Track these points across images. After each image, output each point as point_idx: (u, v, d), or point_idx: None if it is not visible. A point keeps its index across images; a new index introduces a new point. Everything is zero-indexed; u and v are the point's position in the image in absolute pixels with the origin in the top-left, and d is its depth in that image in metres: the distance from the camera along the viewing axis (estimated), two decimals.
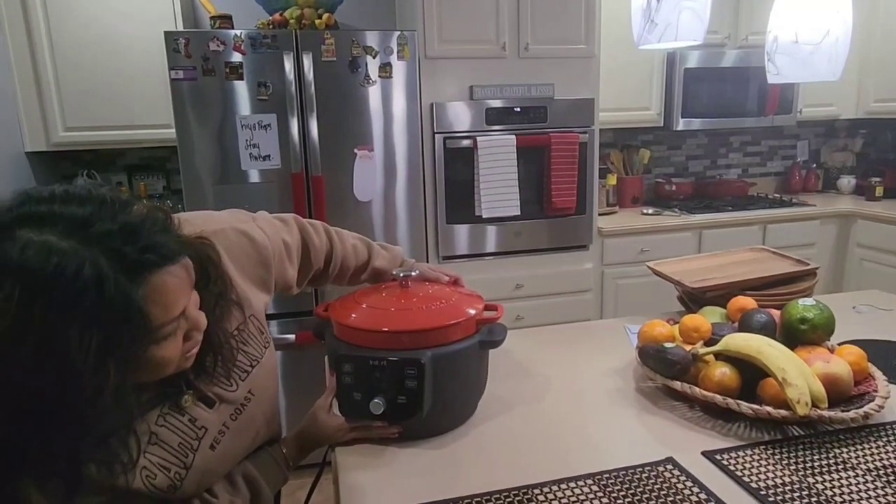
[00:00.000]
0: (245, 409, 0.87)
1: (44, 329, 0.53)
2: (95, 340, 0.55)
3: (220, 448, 0.83)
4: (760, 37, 3.16)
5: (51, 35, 2.42)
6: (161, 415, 0.77)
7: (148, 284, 0.61)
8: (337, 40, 2.29)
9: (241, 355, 0.87)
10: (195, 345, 0.74)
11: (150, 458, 0.75)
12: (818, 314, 1.10)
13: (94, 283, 0.55)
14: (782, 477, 0.86)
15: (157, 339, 0.64)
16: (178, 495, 0.78)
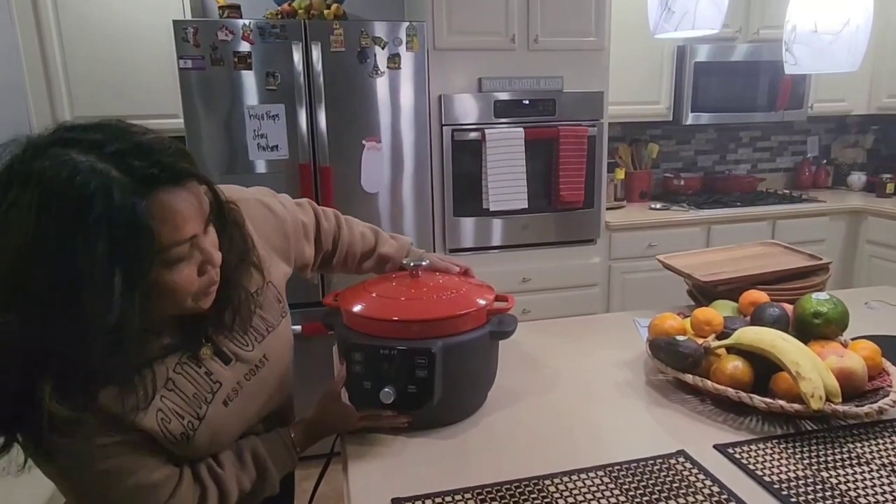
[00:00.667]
0: (259, 371, 0.89)
1: (58, 233, 0.59)
2: (102, 246, 0.60)
3: (232, 405, 0.85)
4: (772, 31, 3.13)
5: (59, 24, 2.42)
6: (179, 363, 0.80)
7: (155, 200, 0.64)
8: (345, 31, 2.28)
9: (258, 319, 0.90)
10: (211, 283, 0.76)
11: (165, 402, 0.77)
12: (832, 308, 1.09)
13: (103, 192, 0.60)
14: (796, 471, 0.85)
15: (167, 260, 0.67)
16: (190, 448, 0.80)
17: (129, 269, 0.62)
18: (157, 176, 0.64)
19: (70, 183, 0.60)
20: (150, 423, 0.75)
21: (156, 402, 0.76)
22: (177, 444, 0.79)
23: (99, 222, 0.60)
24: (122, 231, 0.61)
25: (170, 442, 0.78)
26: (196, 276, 0.72)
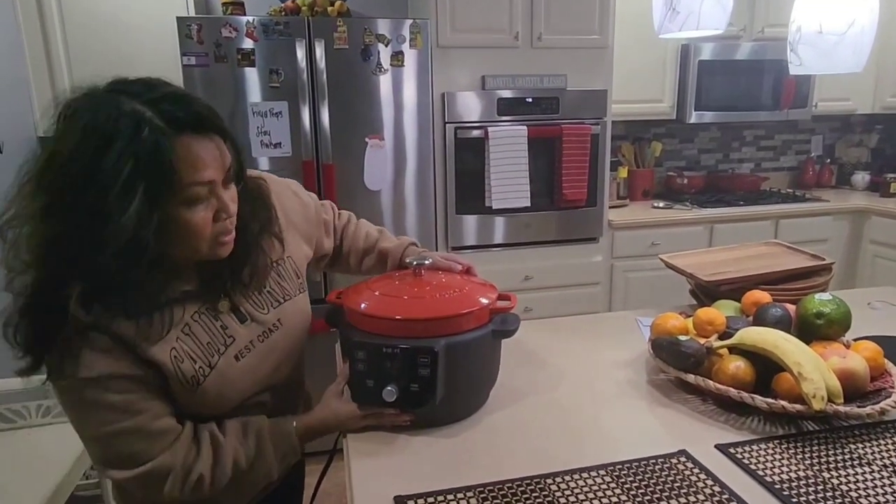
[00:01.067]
0: (272, 334, 0.95)
1: (95, 151, 0.70)
2: (128, 167, 0.70)
3: (243, 362, 0.90)
4: (777, 29, 3.12)
5: (63, 21, 2.42)
6: (198, 312, 0.87)
7: (179, 141, 0.73)
8: (349, 28, 2.28)
9: (275, 285, 0.97)
10: (226, 232, 0.83)
11: (180, 344, 0.83)
12: (835, 309, 1.09)
13: (135, 126, 0.71)
14: (797, 471, 0.85)
15: (185, 198, 0.76)
16: (199, 395, 0.85)
17: (149, 193, 0.71)
18: (184, 120, 0.74)
19: (111, 116, 0.71)
20: (163, 357, 0.81)
21: (170, 342, 0.82)
22: (187, 387, 0.84)
23: (128, 148, 0.70)
24: (147, 160, 0.71)
25: (180, 382, 0.83)
26: (211, 221, 0.80)
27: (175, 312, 0.83)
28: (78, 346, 0.76)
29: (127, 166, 0.70)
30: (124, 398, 0.80)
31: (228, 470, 0.88)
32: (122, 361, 0.79)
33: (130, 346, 0.79)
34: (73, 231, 0.72)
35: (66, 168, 0.71)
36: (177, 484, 0.85)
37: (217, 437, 0.88)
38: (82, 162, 0.70)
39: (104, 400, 0.79)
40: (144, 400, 0.82)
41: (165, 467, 0.83)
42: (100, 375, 0.77)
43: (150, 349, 0.80)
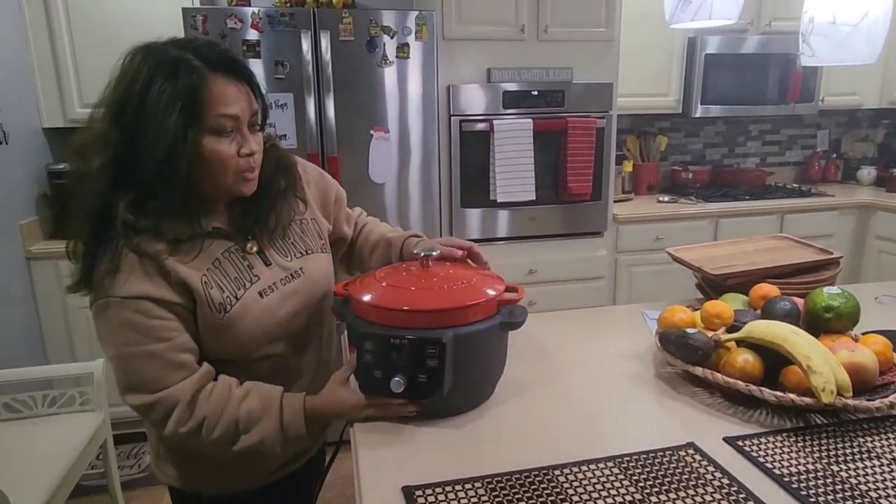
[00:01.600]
0: (294, 280, 1.03)
1: (145, 80, 0.85)
2: (167, 95, 0.84)
3: (266, 300, 0.98)
4: (784, 23, 3.10)
5: (68, 12, 2.42)
6: (228, 251, 0.97)
7: (213, 78, 0.87)
8: (355, 19, 2.27)
9: (298, 239, 1.07)
10: (249, 169, 0.93)
11: (210, 274, 0.93)
12: (844, 302, 1.08)
13: (176, 63, 0.86)
14: (806, 464, 0.85)
15: (212, 127, 0.87)
16: (225, 324, 0.93)
17: (184, 115, 0.84)
18: (216, 61, 0.88)
19: (159, 58, 0.87)
20: (195, 282, 0.90)
21: (202, 270, 0.92)
22: (214, 314, 0.92)
23: (169, 80, 0.84)
24: (184, 90, 0.84)
25: (209, 307, 0.92)
26: (235, 154, 0.90)
27: (206, 243, 0.93)
28: (119, 266, 0.87)
29: (166, 93, 0.84)
30: (152, 322, 0.88)
31: (231, 421, 0.92)
32: (156, 286, 0.88)
33: (166, 270, 0.89)
34: (127, 144, 0.86)
35: (126, 95, 0.86)
36: (181, 421, 0.90)
37: (229, 387, 0.94)
38: (137, 90, 0.85)
39: (133, 320, 0.87)
40: (170, 330, 0.90)
41: (173, 399, 0.89)
42: (135, 296, 0.87)
43: (184, 270, 0.90)
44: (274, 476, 1.10)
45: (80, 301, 2.50)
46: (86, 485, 2.08)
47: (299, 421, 0.96)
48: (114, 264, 0.87)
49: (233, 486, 1.06)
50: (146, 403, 0.89)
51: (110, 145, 0.86)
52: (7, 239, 2.26)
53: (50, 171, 2.49)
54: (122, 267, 0.87)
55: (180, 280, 0.89)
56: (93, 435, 1.85)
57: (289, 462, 1.11)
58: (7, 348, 2.19)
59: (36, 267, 2.37)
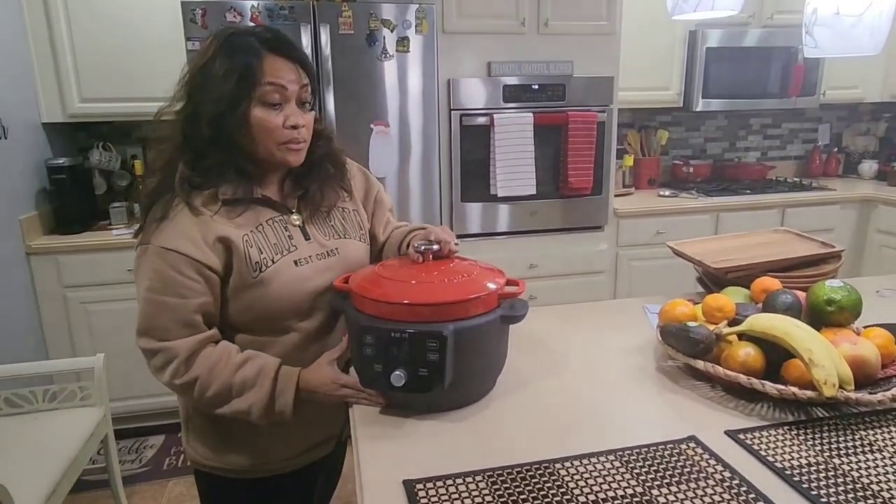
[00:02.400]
0: (328, 257, 1.10)
1: (212, 56, 0.98)
2: (227, 67, 0.97)
3: (300, 269, 1.05)
4: (786, 16, 3.09)
5: (67, 6, 2.41)
6: (272, 219, 1.06)
7: (268, 56, 0.99)
8: (354, 13, 2.26)
9: (338, 222, 1.15)
10: (295, 141, 1.02)
11: (252, 235, 1.02)
12: (846, 295, 1.08)
13: (235, 41, 0.99)
14: (807, 457, 0.85)
15: (262, 96, 0.98)
16: (256, 288, 1.01)
17: (239, 84, 0.97)
18: (272, 42, 1.00)
19: (224, 38, 1.00)
20: (236, 238, 1.00)
21: (244, 230, 1.02)
22: (249, 270, 1.00)
23: (230, 57, 0.97)
24: (240, 64, 0.97)
25: (245, 263, 1.00)
26: (281, 125, 1.00)
27: (254, 207, 1.04)
28: (167, 215, 0.98)
29: (225, 66, 0.97)
30: (176, 277, 0.96)
31: (225, 386, 0.98)
32: (194, 245, 0.97)
33: (209, 229, 0.98)
34: (192, 110, 0.99)
35: (194, 69, 1.00)
36: (176, 374, 0.98)
37: (228, 353, 1.00)
38: (202, 64, 0.99)
39: (162, 270, 0.96)
40: (191, 289, 0.97)
41: (173, 352, 0.97)
42: (171, 248, 0.96)
43: (228, 228, 1.00)
44: (303, 459, 1.15)
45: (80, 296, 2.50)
46: (87, 480, 2.09)
47: (290, 391, 1.00)
48: (163, 213, 0.99)
49: (261, 465, 1.12)
50: (150, 349, 0.99)
51: (181, 111, 1.00)
52: (7, 234, 2.26)
53: (49, 166, 2.48)
54: (169, 216, 0.98)
55: (223, 237, 0.99)
56: (94, 430, 1.85)
57: (319, 445, 1.17)
58: (7, 343, 2.19)
59: (36, 262, 2.37)
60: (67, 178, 2.49)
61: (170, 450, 2.51)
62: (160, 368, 0.99)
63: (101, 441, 1.94)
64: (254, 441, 1.10)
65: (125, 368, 2.28)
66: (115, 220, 2.56)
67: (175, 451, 2.49)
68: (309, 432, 1.14)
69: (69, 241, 2.41)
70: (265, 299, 1.02)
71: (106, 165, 2.70)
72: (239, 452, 1.11)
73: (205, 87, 0.98)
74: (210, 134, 0.98)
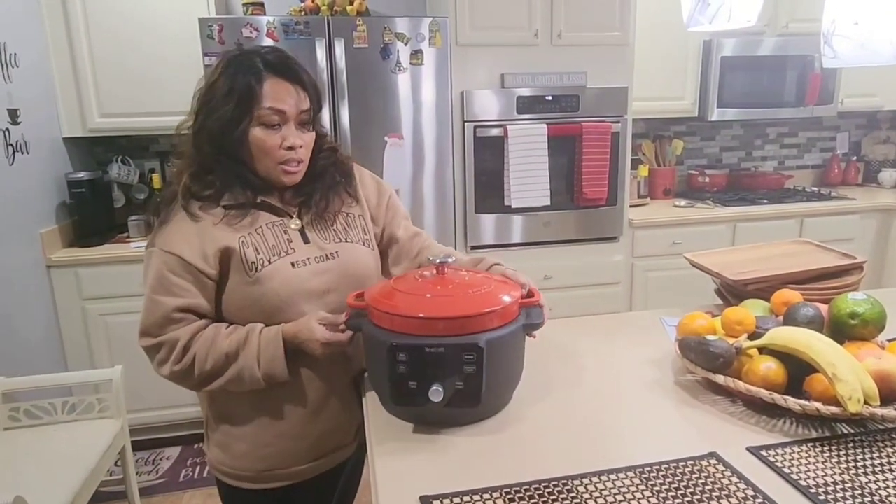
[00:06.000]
0: (328, 260, 1.12)
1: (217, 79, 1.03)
2: (228, 87, 1.02)
3: (297, 270, 1.08)
4: (802, 24, 3.07)
5: (88, 23, 2.46)
6: (271, 223, 1.09)
7: (268, 78, 1.03)
8: (368, 27, 2.28)
9: (341, 227, 1.16)
10: (291, 162, 1.07)
11: (249, 237, 1.06)
12: (869, 309, 1.06)
13: (240, 62, 1.03)
14: (832, 475, 0.83)
15: (261, 118, 1.02)
16: (254, 286, 1.05)
17: (239, 104, 1.01)
18: (275, 64, 1.04)
19: (231, 59, 1.05)
20: (231, 242, 1.04)
21: (241, 232, 1.05)
22: (247, 272, 1.04)
23: (235, 77, 1.02)
24: (241, 86, 1.01)
25: (242, 263, 1.04)
26: (278, 146, 1.04)
27: (254, 212, 1.07)
28: (168, 220, 1.05)
29: (226, 87, 1.01)
30: (172, 278, 1.02)
31: (220, 355, 1.02)
32: (192, 250, 1.02)
33: (208, 238, 1.03)
34: (198, 127, 1.05)
35: (204, 88, 1.05)
36: (176, 360, 1.02)
37: (216, 328, 1.05)
38: (209, 84, 1.04)
39: (160, 270, 1.02)
40: (184, 290, 1.02)
41: (175, 338, 1.02)
42: (169, 251, 1.02)
43: (226, 233, 1.04)
44: (311, 468, 1.15)
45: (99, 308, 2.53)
46: (104, 491, 2.10)
47: (277, 341, 1.03)
48: (164, 218, 1.05)
49: (276, 472, 1.13)
50: (152, 345, 1.03)
51: (192, 126, 1.06)
52: (28, 247, 2.30)
53: (70, 179, 2.53)
54: (170, 221, 1.04)
55: (222, 248, 1.03)
56: (111, 441, 1.87)
57: (326, 455, 1.17)
58: (27, 355, 2.22)
59: (56, 275, 2.40)
60: (87, 192, 2.53)
61: (186, 461, 2.51)
62: (164, 361, 1.04)
63: (119, 452, 1.96)
64: (268, 445, 1.11)
65: (142, 380, 2.29)
66: (134, 233, 2.59)
67: (191, 462, 2.50)
68: (321, 437, 1.15)
69: (88, 253, 2.44)
70: (263, 298, 1.05)
71: (124, 179, 2.74)
72: (248, 457, 1.12)
73: (209, 105, 1.03)
74: (214, 149, 1.04)
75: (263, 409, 1.10)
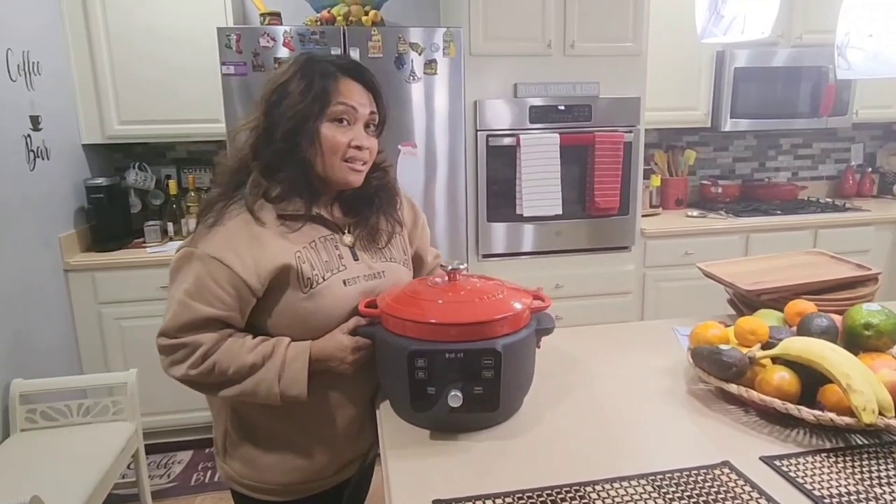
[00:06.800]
0: (375, 279, 1.13)
1: (292, 79, 1.05)
2: (304, 86, 1.04)
3: (349, 288, 1.08)
4: (816, 36, 3.06)
5: (108, 33, 2.51)
6: (324, 237, 1.10)
7: (342, 79, 1.06)
8: (383, 37, 2.31)
9: (386, 247, 1.17)
10: (357, 160, 1.08)
11: (305, 252, 1.05)
12: (884, 320, 1.05)
13: (314, 65, 1.06)
14: (847, 486, 0.82)
15: (332, 114, 1.05)
16: (307, 301, 1.04)
17: (314, 104, 1.03)
18: (346, 66, 1.08)
19: (303, 62, 1.08)
20: (287, 258, 1.02)
21: (297, 246, 1.05)
22: (301, 286, 1.03)
23: (311, 79, 1.04)
24: (316, 86, 1.04)
25: (298, 279, 1.03)
26: (346, 143, 1.06)
27: (309, 225, 1.07)
28: (220, 221, 1.03)
29: (302, 86, 1.04)
30: (211, 286, 0.99)
31: (243, 365, 1.00)
32: (239, 260, 1.00)
33: (261, 246, 1.01)
34: (267, 125, 1.05)
35: (273, 87, 1.06)
36: (194, 365, 1.00)
37: (244, 336, 1.04)
38: (281, 83, 1.06)
39: (199, 275, 0.99)
40: (222, 302, 1.00)
41: (195, 344, 1.00)
42: (215, 256, 0.99)
43: (282, 244, 1.03)
44: (333, 479, 1.16)
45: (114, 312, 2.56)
46: (117, 493, 2.11)
47: (302, 359, 1.02)
48: (216, 220, 1.03)
49: (298, 484, 1.13)
50: (171, 345, 1.01)
51: (258, 126, 1.06)
52: (47, 251, 2.33)
53: (88, 185, 2.57)
54: (223, 222, 1.02)
55: (279, 263, 1.01)
56: (125, 444, 1.89)
57: (348, 465, 1.17)
58: (44, 358, 2.25)
59: (73, 279, 2.44)
60: (105, 198, 2.57)
61: (197, 465, 2.53)
62: (179, 362, 1.01)
63: (132, 455, 1.98)
64: (291, 459, 1.11)
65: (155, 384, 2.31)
66: (150, 238, 2.63)
67: (203, 466, 2.51)
68: (344, 448, 1.15)
69: (105, 258, 2.48)
70: (313, 316, 1.04)
71: (141, 185, 2.78)
72: (275, 470, 1.12)
73: (280, 104, 1.04)
74: (284, 147, 1.04)
75: (290, 422, 1.10)
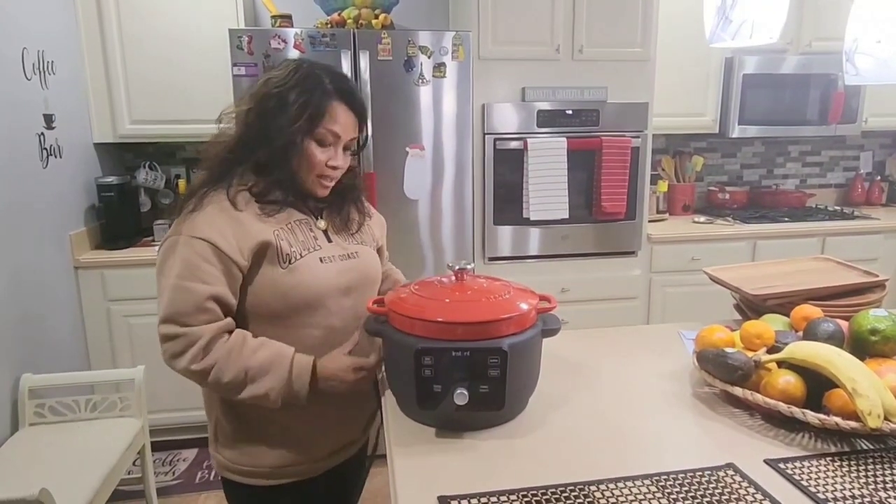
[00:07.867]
0: (349, 259, 1.19)
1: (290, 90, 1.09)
2: (301, 103, 1.08)
3: (325, 266, 1.14)
4: (825, 43, 3.06)
5: (122, 34, 2.54)
6: (301, 220, 1.16)
7: (335, 102, 1.11)
8: (393, 40, 2.33)
9: (356, 233, 1.25)
10: (327, 177, 1.15)
11: (282, 231, 1.11)
12: (890, 325, 1.05)
13: (315, 80, 1.10)
14: (851, 489, 0.82)
15: (318, 136, 1.10)
16: (287, 277, 1.08)
17: (307, 122, 1.08)
18: (343, 91, 1.13)
19: (306, 73, 1.11)
20: (267, 235, 1.08)
21: (275, 226, 1.10)
22: (280, 262, 1.09)
23: (309, 94, 1.09)
24: (314, 104, 1.09)
25: (277, 255, 1.08)
26: (323, 162, 1.12)
27: (286, 209, 1.14)
28: (200, 207, 1.06)
29: (300, 102, 1.08)
30: (201, 265, 1.03)
31: (241, 370, 1.03)
32: (223, 239, 1.04)
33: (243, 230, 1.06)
34: (259, 127, 1.09)
35: (272, 91, 1.10)
36: (194, 359, 1.02)
37: (243, 338, 1.06)
38: (281, 91, 1.09)
39: (189, 257, 1.03)
40: (213, 277, 1.03)
41: (196, 336, 1.02)
42: (200, 237, 1.03)
43: (261, 226, 1.08)
44: (325, 464, 1.20)
45: (122, 309, 2.58)
46: (122, 489, 2.13)
47: (306, 377, 1.06)
48: (195, 206, 1.07)
49: (290, 467, 1.16)
50: (171, 334, 1.03)
51: (248, 124, 1.10)
52: (57, 248, 2.36)
53: (99, 184, 2.60)
54: (202, 209, 1.06)
55: (259, 239, 1.06)
56: (132, 440, 1.90)
57: (339, 450, 1.22)
58: (53, 353, 2.27)
59: (83, 276, 2.46)
60: (115, 196, 2.60)
61: (202, 463, 2.54)
62: (178, 354, 1.03)
63: (139, 452, 1.99)
64: (283, 443, 1.15)
65: (161, 382, 2.33)
66: (159, 237, 2.65)
67: (207, 464, 2.53)
68: (336, 433, 1.19)
69: (115, 256, 2.50)
70: (293, 290, 1.09)
71: (151, 184, 2.81)
72: (267, 454, 1.15)
73: (278, 114, 1.08)
74: (273, 155, 1.09)
75: (283, 410, 1.10)
